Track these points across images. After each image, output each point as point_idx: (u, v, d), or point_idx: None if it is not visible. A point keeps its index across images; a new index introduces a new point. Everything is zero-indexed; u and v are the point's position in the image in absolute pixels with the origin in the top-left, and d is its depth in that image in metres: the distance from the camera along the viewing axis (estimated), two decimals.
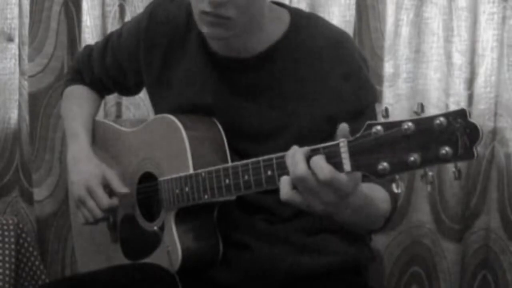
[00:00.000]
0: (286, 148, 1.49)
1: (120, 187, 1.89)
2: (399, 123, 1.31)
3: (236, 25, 1.67)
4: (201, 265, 1.82)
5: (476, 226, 2.53)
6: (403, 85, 2.55)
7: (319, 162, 1.41)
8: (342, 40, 1.77)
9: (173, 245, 1.77)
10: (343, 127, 1.42)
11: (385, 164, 1.32)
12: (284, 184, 1.45)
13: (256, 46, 1.76)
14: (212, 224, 1.81)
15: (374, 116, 1.77)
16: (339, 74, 1.72)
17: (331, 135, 1.66)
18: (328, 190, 1.42)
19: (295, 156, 1.44)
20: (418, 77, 2.54)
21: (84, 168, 1.93)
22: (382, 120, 1.34)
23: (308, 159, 1.43)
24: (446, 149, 1.26)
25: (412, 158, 1.29)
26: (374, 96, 1.79)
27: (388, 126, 1.32)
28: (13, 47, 2.82)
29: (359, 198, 1.49)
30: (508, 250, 2.50)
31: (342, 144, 1.39)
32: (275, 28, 1.76)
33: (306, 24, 1.78)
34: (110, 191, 1.90)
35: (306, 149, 1.45)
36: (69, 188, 2.09)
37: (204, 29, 1.70)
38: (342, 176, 1.40)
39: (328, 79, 1.72)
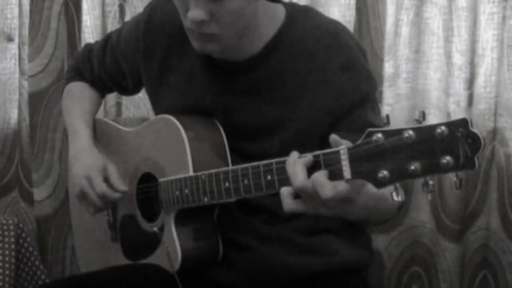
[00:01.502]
0: (289, 143, 1.50)
1: (119, 185, 1.89)
2: (400, 131, 1.31)
3: (224, 39, 1.68)
4: (201, 265, 1.82)
5: (476, 226, 2.53)
6: (403, 85, 2.54)
7: (320, 180, 1.42)
8: (338, 31, 1.77)
9: (172, 246, 1.78)
10: (334, 138, 1.44)
11: (385, 172, 1.32)
12: (286, 196, 1.47)
13: (252, 47, 1.75)
14: (212, 224, 1.81)
15: (374, 106, 1.77)
16: (338, 66, 1.72)
17: (332, 128, 1.67)
18: (333, 202, 1.43)
19: (296, 167, 1.45)
20: (418, 77, 2.54)
21: (86, 161, 1.93)
22: (383, 127, 1.33)
23: (309, 169, 1.44)
24: (447, 159, 1.26)
25: (412, 167, 1.29)
26: (374, 85, 1.79)
27: (389, 134, 1.32)
28: (13, 47, 2.81)
29: (367, 198, 1.49)
30: (508, 250, 2.50)
31: (342, 151, 1.39)
32: (269, 25, 1.76)
33: (301, 18, 1.77)
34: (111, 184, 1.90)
35: (306, 159, 1.45)
36: (69, 184, 2.09)
37: (194, 44, 1.71)
38: (344, 188, 1.42)
39: (327, 71, 1.72)
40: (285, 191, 1.47)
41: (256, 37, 1.75)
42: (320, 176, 1.42)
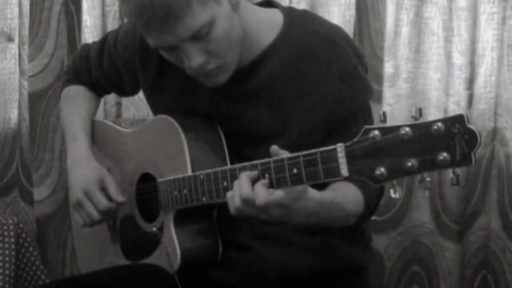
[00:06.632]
0: (287, 149, 1.50)
1: (117, 195, 1.89)
2: (396, 128, 1.31)
3: (229, 63, 1.68)
4: (200, 265, 1.81)
5: (476, 226, 2.54)
6: (403, 85, 2.55)
7: (256, 189, 1.48)
8: (336, 38, 1.75)
9: (172, 246, 1.78)
10: (274, 149, 1.49)
11: (382, 169, 1.32)
12: (231, 200, 1.52)
13: (249, 54, 1.74)
14: (211, 224, 1.81)
15: (368, 113, 1.77)
16: (335, 75, 1.71)
17: (330, 135, 1.67)
18: (268, 208, 1.48)
19: (241, 180, 1.51)
20: (418, 77, 2.54)
21: (83, 171, 1.93)
22: (379, 124, 1.33)
23: (253, 183, 1.50)
24: (443, 155, 1.25)
25: (409, 164, 1.29)
26: (369, 93, 1.78)
27: (385, 131, 1.32)
28: (13, 47, 2.81)
29: (309, 204, 1.52)
30: (508, 250, 2.50)
31: (339, 149, 1.39)
32: (266, 32, 1.75)
33: (299, 23, 1.76)
34: (108, 194, 1.90)
35: (252, 173, 1.52)
36: (69, 191, 2.09)
37: (207, 84, 1.72)
38: (277, 196, 1.47)
39: (324, 80, 1.71)
40: (230, 195, 1.52)
41: (251, 44, 1.74)
42: (258, 185, 1.49)
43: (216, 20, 1.61)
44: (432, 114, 2.50)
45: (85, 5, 2.71)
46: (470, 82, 2.48)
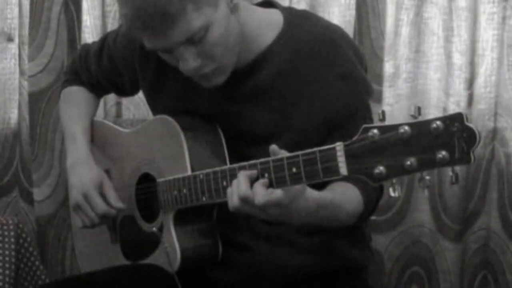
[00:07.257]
0: (287, 149, 1.50)
1: (116, 201, 1.90)
2: (395, 127, 1.31)
3: (226, 66, 1.68)
4: (200, 265, 1.82)
5: (476, 226, 2.53)
6: (403, 85, 2.55)
7: (256, 188, 1.48)
8: (336, 39, 1.76)
9: (172, 246, 1.78)
10: (273, 148, 1.49)
11: (381, 168, 1.32)
12: (230, 198, 1.52)
13: (249, 55, 1.74)
14: (211, 224, 1.81)
15: (367, 113, 1.77)
16: (334, 75, 1.71)
17: (330, 135, 1.67)
18: (267, 208, 1.48)
19: (239, 178, 1.51)
20: (418, 77, 2.54)
21: (83, 173, 1.93)
22: (378, 123, 1.33)
23: (252, 181, 1.50)
24: (442, 153, 1.26)
25: (408, 162, 1.29)
26: (369, 93, 1.78)
27: (384, 129, 1.32)
28: (13, 47, 2.81)
29: (309, 204, 1.53)
30: (508, 250, 2.50)
31: (339, 147, 1.39)
32: (267, 33, 1.75)
33: (299, 24, 1.76)
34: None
35: (251, 172, 1.52)
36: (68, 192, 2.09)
37: (203, 85, 1.72)
38: (277, 195, 1.47)
39: (324, 80, 1.71)
40: (229, 193, 1.52)
41: (251, 44, 1.74)
42: (257, 184, 1.49)
43: (211, 24, 1.61)
44: (432, 114, 2.49)
45: (85, 5, 2.71)
46: (470, 82, 2.48)
